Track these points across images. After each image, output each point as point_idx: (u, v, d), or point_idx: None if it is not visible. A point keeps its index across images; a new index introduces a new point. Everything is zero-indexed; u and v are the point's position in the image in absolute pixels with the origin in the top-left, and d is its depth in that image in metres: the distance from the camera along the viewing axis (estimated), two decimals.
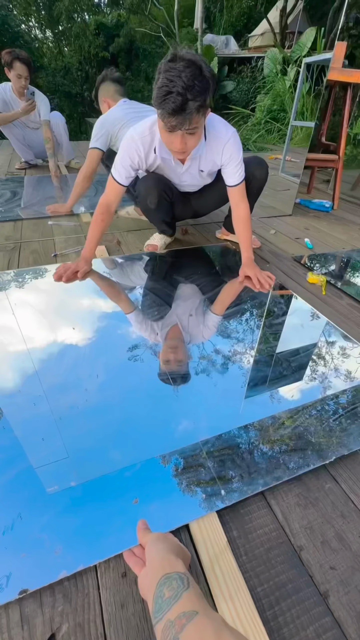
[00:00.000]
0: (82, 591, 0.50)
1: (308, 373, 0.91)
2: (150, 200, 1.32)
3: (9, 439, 0.69)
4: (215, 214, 2.06)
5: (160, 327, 1.04)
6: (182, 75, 0.86)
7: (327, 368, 0.93)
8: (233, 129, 1.19)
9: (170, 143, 1.03)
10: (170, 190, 1.35)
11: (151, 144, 1.17)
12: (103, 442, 0.70)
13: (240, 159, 1.21)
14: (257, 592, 0.50)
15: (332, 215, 2.20)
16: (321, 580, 0.52)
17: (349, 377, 0.90)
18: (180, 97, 0.87)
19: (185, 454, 0.67)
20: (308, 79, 4.26)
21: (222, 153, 1.19)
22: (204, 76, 0.89)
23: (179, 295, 1.22)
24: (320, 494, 0.63)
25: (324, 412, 0.79)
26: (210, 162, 1.24)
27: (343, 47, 1.89)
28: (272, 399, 0.82)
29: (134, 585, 0.50)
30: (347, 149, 2.72)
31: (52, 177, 2.58)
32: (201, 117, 0.97)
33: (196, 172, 1.28)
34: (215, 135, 1.16)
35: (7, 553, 0.52)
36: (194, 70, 0.87)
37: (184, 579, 0.40)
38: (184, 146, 1.01)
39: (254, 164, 1.35)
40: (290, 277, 1.40)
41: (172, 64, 0.87)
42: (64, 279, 1.22)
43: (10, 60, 2.21)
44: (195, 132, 0.99)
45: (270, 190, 2.63)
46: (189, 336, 1.02)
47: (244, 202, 1.28)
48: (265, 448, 0.70)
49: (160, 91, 0.89)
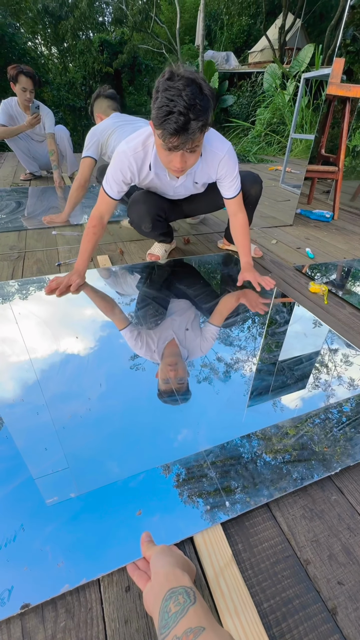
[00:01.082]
0: (85, 606, 0.49)
1: (311, 381, 0.90)
2: (145, 226, 1.34)
3: (12, 449, 0.69)
4: (217, 224, 2.08)
5: (157, 343, 1.01)
6: (182, 94, 0.83)
7: (330, 376, 0.93)
8: (228, 144, 1.17)
9: (169, 162, 1.00)
10: (163, 210, 1.35)
11: (144, 159, 1.14)
12: (106, 452, 0.69)
13: (235, 173, 1.20)
14: (263, 608, 0.49)
15: (332, 226, 2.22)
16: (329, 595, 0.51)
17: (352, 385, 0.89)
18: (183, 117, 0.84)
19: (189, 465, 0.67)
20: (307, 93, 4.36)
21: (217, 169, 1.18)
22: (204, 94, 0.86)
23: (178, 307, 1.20)
24: (326, 505, 0.63)
25: (328, 422, 0.78)
26: (206, 176, 1.23)
27: (341, 63, 1.94)
28: (275, 408, 0.82)
29: (138, 600, 0.49)
30: (346, 161, 2.76)
31: (56, 187, 2.62)
32: (202, 136, 0.95)
33: (191, 184, 1.28)
34: (211, 150, 1.15)
35: (9, 566, 0.51)
36: (194, 88, 0.84)
37: (190, 593, 0.39)
38: (184, 164, 0.99)
39: (249, 182, 1.34)
40: (292, 286, 1.41)
41: (170, 82, 0.84)
42: (57, 293, 1.20)
43: (15, 74, 2.29)
44: (195, 150, 0.97)
45: (271, 201, 2.66)
46: (187, 351, 0.98)
47: (241, 212, 1.28)
48: (269, 458, 0.69)
49: (161, 111, 0.85)
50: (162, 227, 1.43)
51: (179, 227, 2.03)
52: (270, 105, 5.34)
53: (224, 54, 8.38)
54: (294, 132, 2.81)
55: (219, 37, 9.64)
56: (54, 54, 9.70)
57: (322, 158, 2.53)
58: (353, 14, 3.87)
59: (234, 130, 6.01)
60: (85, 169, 1.67)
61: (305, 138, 4.00)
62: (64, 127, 2.78)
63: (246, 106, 6.62)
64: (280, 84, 5.39)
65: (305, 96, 4.32)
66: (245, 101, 6.68)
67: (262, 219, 2.24)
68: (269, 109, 5.31)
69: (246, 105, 6.63)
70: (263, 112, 5.43)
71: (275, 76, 5.48)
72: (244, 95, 6.79)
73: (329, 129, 2.52)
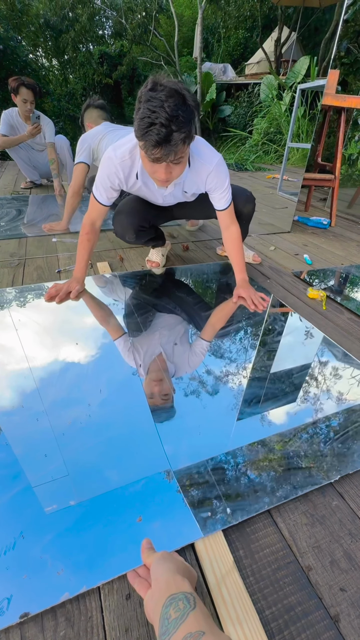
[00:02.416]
0: (85, 614, 0.48)
1: (313, 391, 0.91)
2: (129, 237, 1.33)
3: (11, 457, 0.68)
4: (216, 231, 2.10)
5: (145, 355, 0.99)
6: (164, 105, 0.80)
7: (329, 385, 0.93)
8: (218, 156, 1.14)
9: (153, 172, 0.99)
10: (147, 221, 1.34)
11: (132, 168, 1.12)
12: (106, 459, 0.69)
13: (226, 185, 1.17)
14: (265, 615, 0.49)
15: (329, 232, 2.25)
16: (331, 602, 0.51)
17: (353, 393, 0.90)
18: (165, 129, 0.82)
19: (190, 471, 0.67)
20: (303, 104, 4.44)
21: (206, 181, 1.16)
22: (187, 105, 0.84)
23: (174, 318, 1.18)
24: (327, 511, 0.62)
25: (328, 430, 0.78)
26: (195, 186, 1.20)
27: (336, 74, 1.99)
28: (276, 416, 0.82)
29: (139, 608, 0.49)
30: (342, 169, 2.80)
31: (57, 196, 2.65)
32: (186, 147, 0.92)
33: (180, 193, 1.25)
34: (199, 162, 1.12)
35: (9, 574, 0.51)
36: (177, 99, 0.82)
37: (190, 598, 0.39)
38: (169, 175, 0.97)
39: (242, 201, 1.32)
40: (290, 292, 1.42)
41: (153, 93, 0.82)
42: (57, 300, 1.21)
43: (16, 86, 2.34)
44: (180, 161, 0.95)
45: (269, 208, 2.69)
46: (174, 367, 0.95)
47: (234, 224, 1.26)
48: (270, 465, 0.69)
49: (142, 122, 0.83)
50: (147, 235, 1.41)
51: (178, 233, 2.05)
52: (267, 115, 5.43)
53: (221, 66, 8.55)
54: (291, 141, 2.85)
55: (216, 50, 9.85)
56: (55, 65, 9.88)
57: (318, 166, 2.57)
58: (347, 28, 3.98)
59: (231, 139, 6.10)
60: (79, 175, 1.70)
61: (302, 147, 4.06)
62: (64, 137, 2.82)
63: (243, 116, 6.74)
64: (276, 94, 5.49)
65: (301, 106, 4.40)
66: (242, 111, 6.79)
67: (260, 226, 2.26)
68: (266, 119, 5.40)
69: (243, 115, 6.74)
70: (260, 122, 5.52)
71: (271, 87, 5.59)
72: (241, 105, 6.91)
73: (325, 138, 2.57)
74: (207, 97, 6.94)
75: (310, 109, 4.51)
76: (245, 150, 5.43)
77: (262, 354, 1.03)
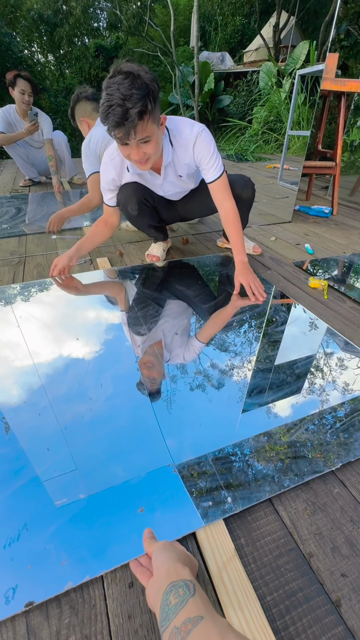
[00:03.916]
0: (89, 602, 0.49)
1: (314, 380, 0.90)
2: (131, 207, 1.31)
3: (14, 450, 0.69)
4: (215, 223, 2.09)
5: (142, 341, 1.01)
6: (120, 87, 0.85)
7: (332, 375, 0.92)
8: (200, 126, 1.13)
9: (128, 156, 1.02)
10: (150, 196, 1.34)
11: (122, 163, 1.20)
12: (108, 452, 0.70)
13: (212, 152, 1.14)
14: (266, 601, 0.49)
15: (331, 221, 2.21)
16: (332, 588, 0.51)
17: (354, 382, 0.89)
18: (120, 108, 0.86)
19: (191, 462, 0.67)
20: (303, 90, 4.36)
21: (192, 153, 1.15)
22: (142, 82, 0.87)
23: (173, 310, 1.18)
24: (329, 499, 0.62)
25: (331, 419, 0.78)
26: (185, 166, 1.20)
27: (335, 58, 1.94)
28: (277, 406, 0.82)
29: (141, 596, 0.50)
30: (344, 156, 2.74)
31: (56, 193, 2.64)
32: (149, 124, 0.93)
33: (175, 179, 1.26)
34: (181, 139, 1.13)
35: (13, 565, 0.52)
36: (132, 79, 0.86)
37: (189, 585, 0.39)
38: (142, 155, 0.99)
39: (240, 186, 1.30)
40: (291, 283, 1.40)
41: (111, 80, 0.87)
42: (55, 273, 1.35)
43: (12, 77, 2.33)
44: (148, 140, 0.96)
45: (269, 198, 2.66)
46: (170, 355, 0.97)
47: (227, 200, 1.21)
48: (271, 455, 0.69)
49: (103, 107, 0.88)
50: (150, 214, 1.39)
51: (178, 227, 2.04)
52: (266, 103, 5.34)
53: (219, 55, 8.40)
54: (291, 129, 2.80)
55: (213, 38, 9.67)
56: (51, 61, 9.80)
57: (319, 154, 2.53)
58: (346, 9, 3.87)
59: (231, 129, 6.02)
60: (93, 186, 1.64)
61: (302, 135, 3.99)
62: (61, 133, 2.80)
63: (242, 105, 6.63)
64: (275, 82, 5.39)
65: (301, 93, 4.32)
66: (241, 100, 6.68)
67: (260, 217, 2.24)
68: (265, 107, 5.31)
69: (242, 104, 6.63)
70: (260, 111, 5.43)
71: (270, 74, 5.48)
72: (240, 94, 6.80)
73: (325, 124, 2.52)
74: (206, 87, 6.83)
75: (311, 96, 4.43)
76: (245, 141, 5.35)
77: (265, 345, 1.03)
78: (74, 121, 1.81)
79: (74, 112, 1.76)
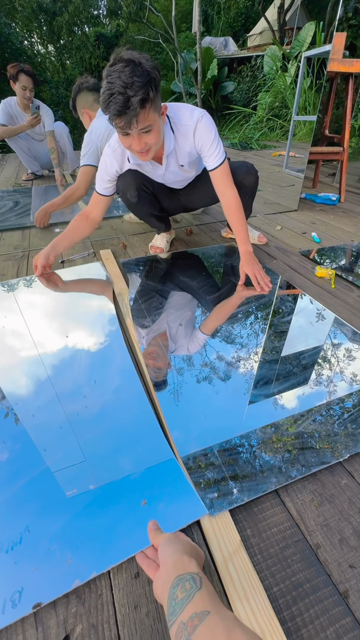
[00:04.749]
0: (96, 592, 0.49)
1: (321, 371, 0.89)
2: (130, 194, 1.28)
3: (14, 451, 0.68)
4: (219, 213, 2.05)
5: (146, 333, 1.01)
6: (121, 75, 0.84)
7: (340, 365, 0.91)
8: (201, 111, 1.11)
9: (129, 146, 1.00)
10: (150, 183, 1.31)
11: (123, 154, 1.18)
12: (112, 446, 0.69)
13: (213, 138, 1.11)
14: (273, 592, 0.49)
15: (339, 208, 2.16)
16: (340, 579, 0.50)
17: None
18: (122, 96, 0.84)
19: (197, 453, 0.67)
20: (309, 74, 4.22)
21: (193, 140, 1.13)
22: (143, 70, 0.85)
23: (178, 301, 1.17)
24: (336, 490, 0.61)
25: (338, 410, 0.77)
26: (187, 154, 1.18)
27: (342, 37, 1.87)
28: (284, 397, 0.80)
29: (147, 586, 0.50)
30: (352, 141, 2.66)
31: (58, 186, 2.62)
32: (151, 113, 0.92)
33: (177, 168, 1.24)
34: (182, 125, 1.11)
35: (18, 568, 0.51)
36: (133, 67, 0.84)
37: (196, 579, 0.39)
38: (144, 145, 0.97)
39: (242, 173, 1.27)
40: (298, 272, 1.38)
41: (111, 68, 0.85)
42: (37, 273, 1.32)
43: (15, 72, 2.29)
44: (150, 129, 0.95)
45: (275, 187, 2.60)
46: (174, 346, 0.96)
47: (229, 188, 1.18)
48: (279, 446, 0.68)
49: (104, 96, 0.86)
50: (150, 202, 1.37)
51: (182, 218, 2.01)
52: (271, 89, 5.19)
53: (222, 40, 8.16)
54: (297, 114, 2.72)
55: (216, 22, 9.39)
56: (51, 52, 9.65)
57: (326, 139, 2.45)
58: None
59: (235, 117, 5.88)
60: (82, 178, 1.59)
61: (309, 120, 3.88)
62: (63, 124, 2.77)
63: (247, 91, 6.46)
64: (281, 66, 5.23)
65: (307, 77, 4.18)
66: (245, 86, 6.51)
67: (266, 206, 2.19)
68: (270, 93, 5.17)
69: (247, 90, 6.46)
70: (264, 97, 5.28)
71: (275, 58, 5.31)
72: (244, 80, 6.62)
73: (332, 108, 2.44)
74: (209, 74, 6.67)
75: (317, 80, 4.28)
76: (249, 128, 5.23)
77: (271, 336, 1.01)
78: (76, 112, 1.77)
79: (75, 103, 1.73)
